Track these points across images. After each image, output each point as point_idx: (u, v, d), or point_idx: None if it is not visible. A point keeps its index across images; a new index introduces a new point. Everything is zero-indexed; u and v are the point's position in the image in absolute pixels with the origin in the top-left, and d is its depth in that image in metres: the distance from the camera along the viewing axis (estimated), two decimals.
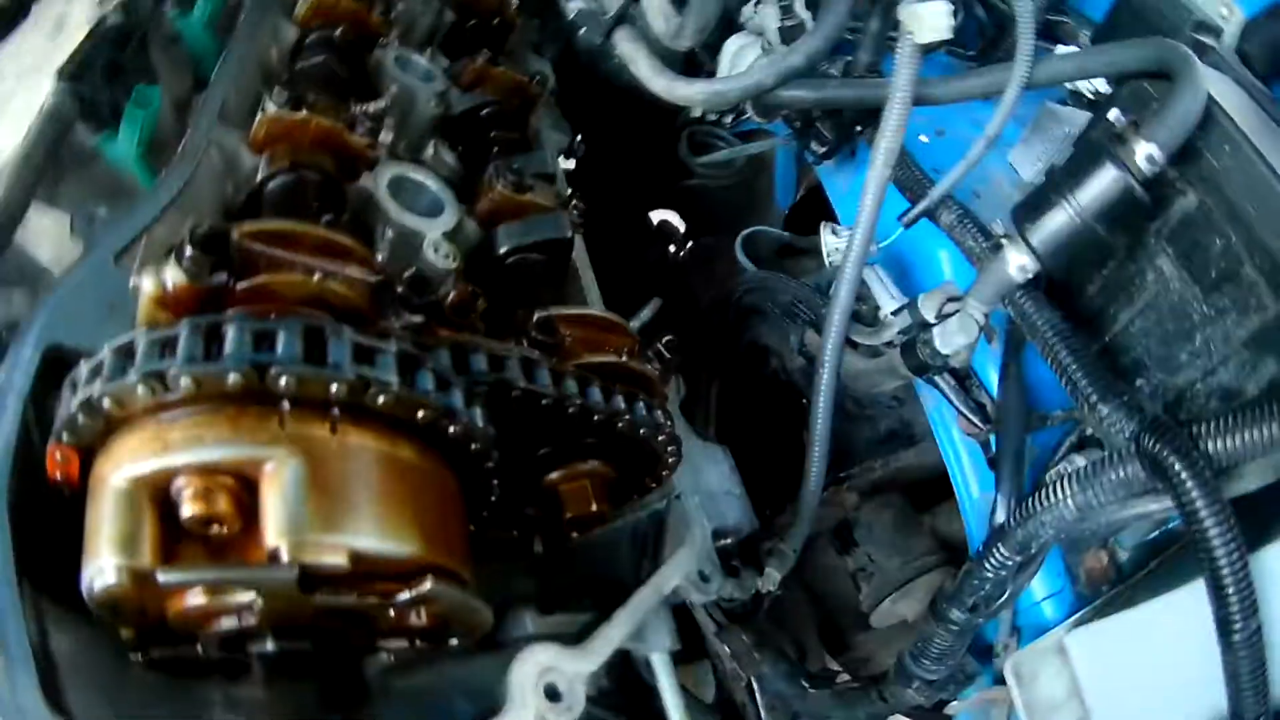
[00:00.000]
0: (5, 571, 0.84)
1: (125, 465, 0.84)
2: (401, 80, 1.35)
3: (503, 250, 1.21)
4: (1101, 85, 1.56)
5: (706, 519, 1.17)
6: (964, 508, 1.34)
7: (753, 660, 1.32)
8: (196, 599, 0.83)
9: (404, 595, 0.86)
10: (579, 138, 1.51)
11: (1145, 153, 1.12)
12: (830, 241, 1.33)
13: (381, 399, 0.88)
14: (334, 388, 0.86)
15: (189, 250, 0.92)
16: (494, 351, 1.01)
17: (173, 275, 0.93)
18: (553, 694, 0.97)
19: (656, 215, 1.66)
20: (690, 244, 1.64)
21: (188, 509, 0.82)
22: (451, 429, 0.93)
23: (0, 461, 0.88)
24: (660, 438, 1.13)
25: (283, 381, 0.84)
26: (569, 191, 1.33)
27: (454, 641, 0.96)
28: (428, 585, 0.86)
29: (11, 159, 1.14)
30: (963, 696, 1.37)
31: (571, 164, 1.54)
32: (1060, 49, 1.69)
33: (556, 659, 0.98)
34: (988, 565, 1.22)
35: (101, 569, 0.81)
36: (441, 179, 1.23)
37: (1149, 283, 1.25)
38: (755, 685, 1.36)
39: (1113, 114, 1.23)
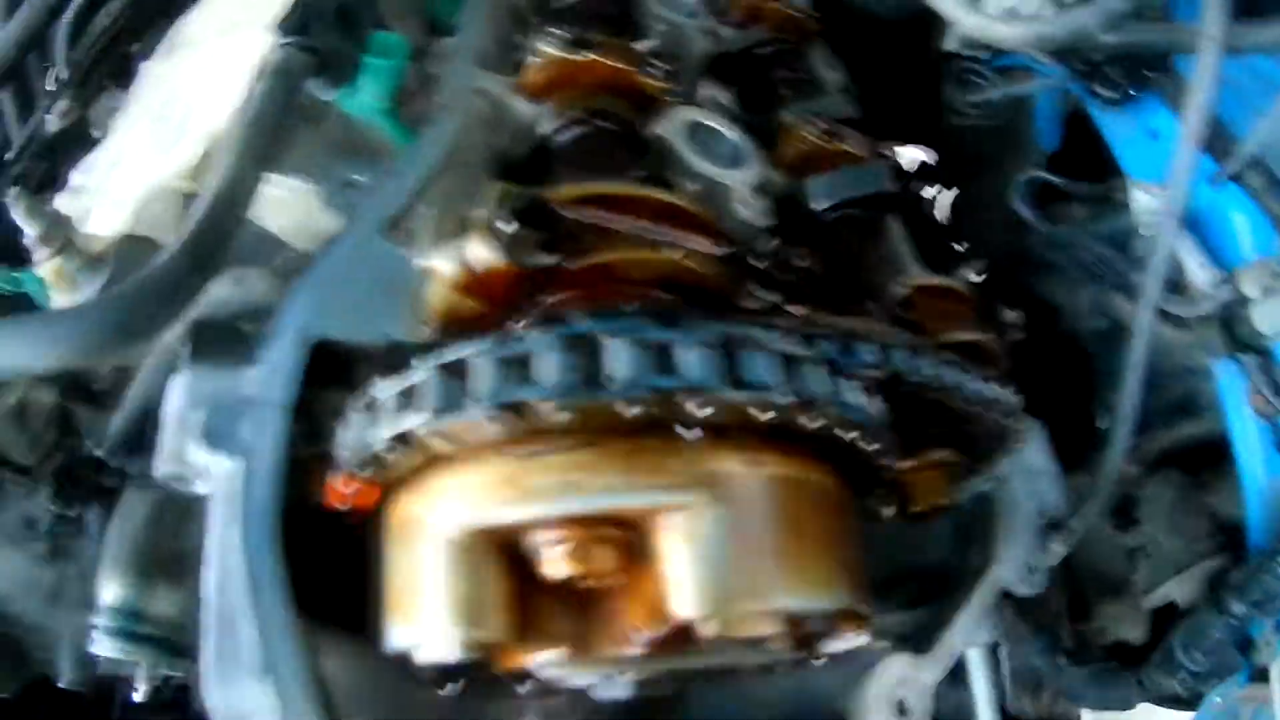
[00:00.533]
0: (280, 615, 0.68)
1: (465, 513, 0.67)
2: (668, 16, 1.15)
3: (823, 206, 1.01)
4: None
5: (1031, 502, 1.07)
6: (1248, 492, 1.21)
7: (1017, 633, 1.26)
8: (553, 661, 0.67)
9: (832, 647, 0.71)
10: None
11: None
12: (1142, 200, 1.20)
13: (818, 421, 0.68)
14: (764, 412, 0.66)
15: (508, 223, 0.72)
16: (885, 340, 0.82)
17: (484, 254, 0.74)
18: (902, 709, 0.85)
19: (906, 154, 1.53)
20: (952, 194, 1.52)
21: (559, 567, 0.65)
22: (871, 448, 0.74)
23: (266, 488, 0.71)
24: (1013, 423, 0.97)
25: (702, 410, 0.64)
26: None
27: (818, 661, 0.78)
28: (862, 637, 0.71)
29: (235, 123, 0.91)
30: (1215, 692, 1.30)
31: None
32: None
33: (909, 670, 0.85)
34: None
35: (437, 640, 0.65)
36: (738, 124, 1.02)
37: None
38: (1006, 655, 1.31)
39: None
